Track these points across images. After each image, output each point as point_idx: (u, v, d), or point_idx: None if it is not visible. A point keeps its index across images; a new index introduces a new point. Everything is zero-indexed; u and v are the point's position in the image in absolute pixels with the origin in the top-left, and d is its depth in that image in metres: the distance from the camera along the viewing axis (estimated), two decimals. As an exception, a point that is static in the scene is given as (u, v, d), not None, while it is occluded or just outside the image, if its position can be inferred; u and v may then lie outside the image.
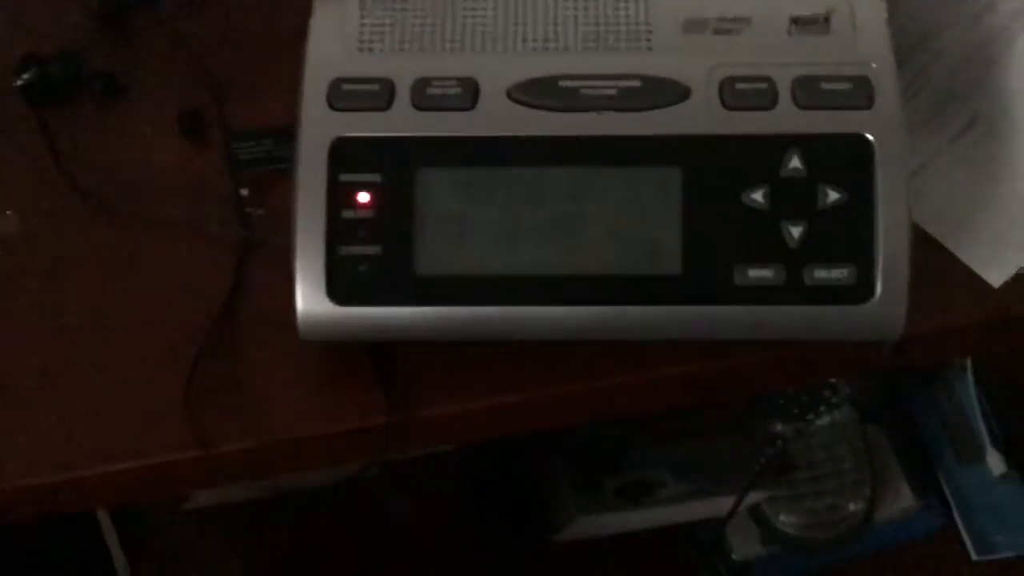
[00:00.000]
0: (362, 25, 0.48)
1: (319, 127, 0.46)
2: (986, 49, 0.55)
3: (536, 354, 0.49)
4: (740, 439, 0.85)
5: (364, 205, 0.46)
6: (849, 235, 0.45)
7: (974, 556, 0.86)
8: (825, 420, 0.86)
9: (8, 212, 0.55)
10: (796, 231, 0.45)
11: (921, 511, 0.88)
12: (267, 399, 0.49)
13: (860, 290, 0.45)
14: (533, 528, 0.84)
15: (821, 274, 0.45)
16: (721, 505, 0.83)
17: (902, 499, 0.88)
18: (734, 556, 0.86)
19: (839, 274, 0.45)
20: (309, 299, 0.46)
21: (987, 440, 0.89)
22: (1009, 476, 0.88)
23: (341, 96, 0.46)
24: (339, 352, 0.49)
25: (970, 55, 0.55)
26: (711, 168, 0.46)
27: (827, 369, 0.56)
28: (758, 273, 0.45)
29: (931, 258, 0.51)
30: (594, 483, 0.83)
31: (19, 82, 0.58)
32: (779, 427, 0.86)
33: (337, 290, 0.46)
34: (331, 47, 0.48)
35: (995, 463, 0.88)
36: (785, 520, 0.85)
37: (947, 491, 0.89)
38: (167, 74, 0.58)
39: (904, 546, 0.88)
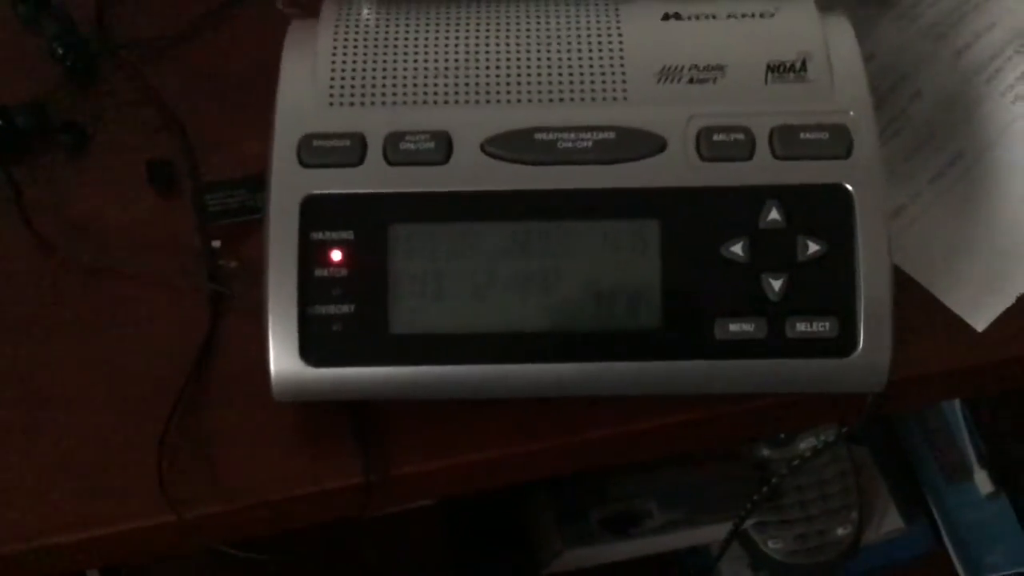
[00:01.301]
0: (332, 78, 0.47)
1: (289, 185, 0.45)
2: (966, 88, 0.54)
3: (515, 408, 0.48)
4: (726, 466, 0.85)
5: (336, 263, 0.45)
6: (830, 287, 0.44)
7: (962, 577, 0.86)
8: (810, 443, 0.86)
9: (-25, 268, 0.54)
10: (776, 283, 0.44)
11: (909, 533, 0.88)
12: (241, 459, 0.48)
13: (843, 342, 0.44)
14: (519, 564, 0.83)
15: (803, 327, 0.44)
16: (709, 533, 0.83)
17: (889, 521, 0.88)
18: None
19: (821, 327, 0.44)
20: (282, 361, 0.45)
21: (974, 458, 0.89)
22: (997, 495, 0.87)
23: (312, 152, 0.46)
24: (314, 410, 0.48)
25: (950, 94, 0.54)
26: (689, 220, 0.45)
27: (809, 419, 0.55)
28: (739, 327, 0.44)
29: (912, 301, 0.50)
30: (580, 515, 0.83)
31: (-16, 134, 0.57)
32: (766, 452, 0.85)
33: (310, 352, 0.45)
34: (301, 101, 0.47)
35: (982, 482, 0.88)
36: (773, 546, 0.85)
37: (935, 512, 0.89)
38: (136, 123, 0.57)
39: (893, 569, 0.87)
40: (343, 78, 0.47)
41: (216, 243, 0.53)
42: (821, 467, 0.86)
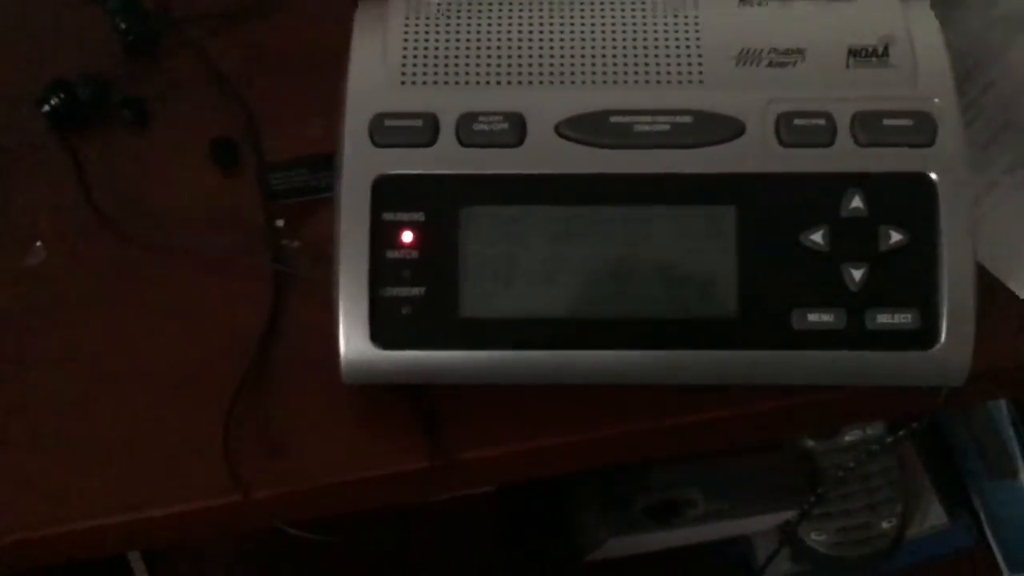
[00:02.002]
0: (404, 56, 0.46)
1: (361, 165, 0.45)
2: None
3: (581, 395, 0.47)
4: (770, 457, 0.84)
5: (408, 245, 0.44)
6: (912, 278, 0.43)
7: (1007, 573, 0.85)
8: (856, 436, 0.85)
9: (37, 243, 0.53)
10: (857, 274, 0.44)
11: (952, 528, 0.87)
12: (305, 441, 0.47)
13: (924, 335, 0.43)
14: (562, 550, 0.82)
15: (884, 319, 0.43)
16: (752, 524, 0.82)
17: (933, 516, 0.87)
18: (764, 574, 0.85)
19: (902, 319, 0.43)
20: (352, 343, 0.44)
21: (1019, 454, 0.87)
22: (1042, 492, 0.86)
23: (383, 132, 0.45)
24: (379, 393, 0.47)
25: (1022, 86, 0.53)
26: (768, 207, 0.44)
27: (876, 412, 0.54)
28: (818, 317, 0.43)
29: (986, 294, 0.49)
30: (624, 504, 0.82)
31: (46, 108, 0.56)
32: (810, 444, 0.84)
33: (380, 334, 0.44)
34: (372, 79, 0.46)
35: (1027, 477, 0.87)
36: (816, 538, 0.84)
37: (978, 507, 0.87)
38: (198, 100, 0.57)
39: (935, 563, 0.86)
40: (415, 57, 0.46)
41: (280, 222, 0.53)
42: (866, 461, 0.85)
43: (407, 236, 0.44)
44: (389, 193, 0.44)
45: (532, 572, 0.82)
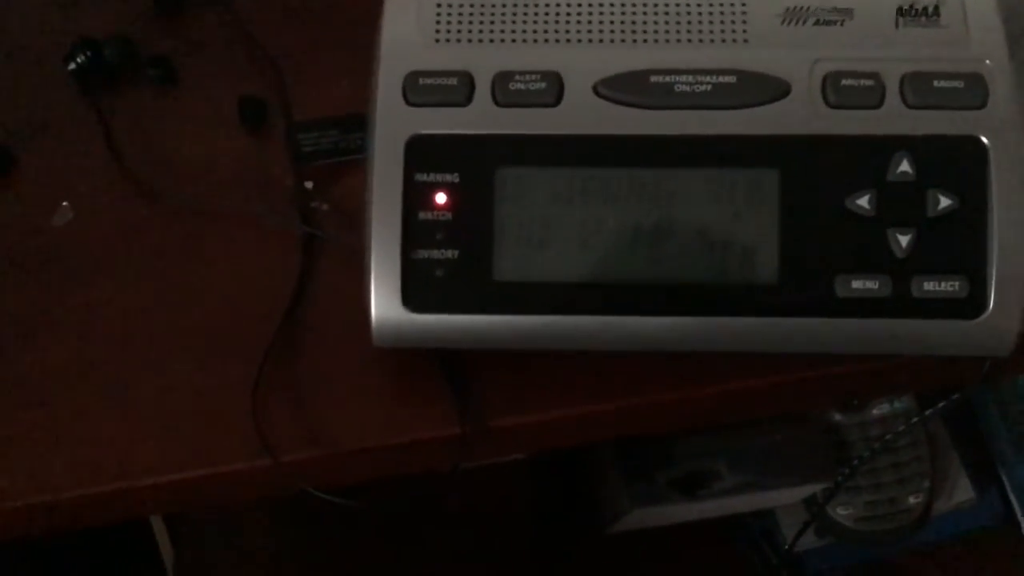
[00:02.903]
0: (438, 13, 0.45)
1: (394, 124, 0.44)
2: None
3: (615, 362, 0.46)
4: (796, 429, 0.83)
5: (441, 207, 0.43)
6: (961, 244, 0.42)
7: (1034, 549, 0.84)
8: (884, 409, 0.84)
9: (64, 203, 0.53)
10: (904, 239, 0.42)
11: (980, 504, 0.86)
12: (335, 405, 0.47)
13: (972, 304, 0.42)
14: (585, 521, 0.82)
15: (930, 286, 0.42)
16: (777, 497, 0.81)
17: (960, 492, 0.86)
18: (787, 549, 0.84)
19: (950, 286, 0.42)
20: (384, 306, 0.43)
21: (1048, 430, 0.86)
22: (1070, 468, 0.85)
23: (417, 90, 0.44)
24: (409, 358, 0.47)
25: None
26: (812, 170, 0.43)
27: (917, 382, 0.53)
28: (862, 284, 0.42)
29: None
30: (648, 475, 0.81)
31: (72, 66, 0.55)
32: (837, 417, 0.83)
33: (412, 297, 0.43)
34: (406, 37, 0.45)
35: (1055, 454, 0.86)
36: (842, 512, 0.83)
37: (1007, 483, 0.86)
38: (226, 59, 0.56)
39: (962, 539, 0.86)
40: (450, 14, 0.45)
41: (309, 184, 0.52)
42: (893, 435, 0.84)
43: (441, 197, 0.43)
44: (423, 153, 0.43)
45: (557, 543, 0.82)
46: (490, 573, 0.80)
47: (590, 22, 0.45)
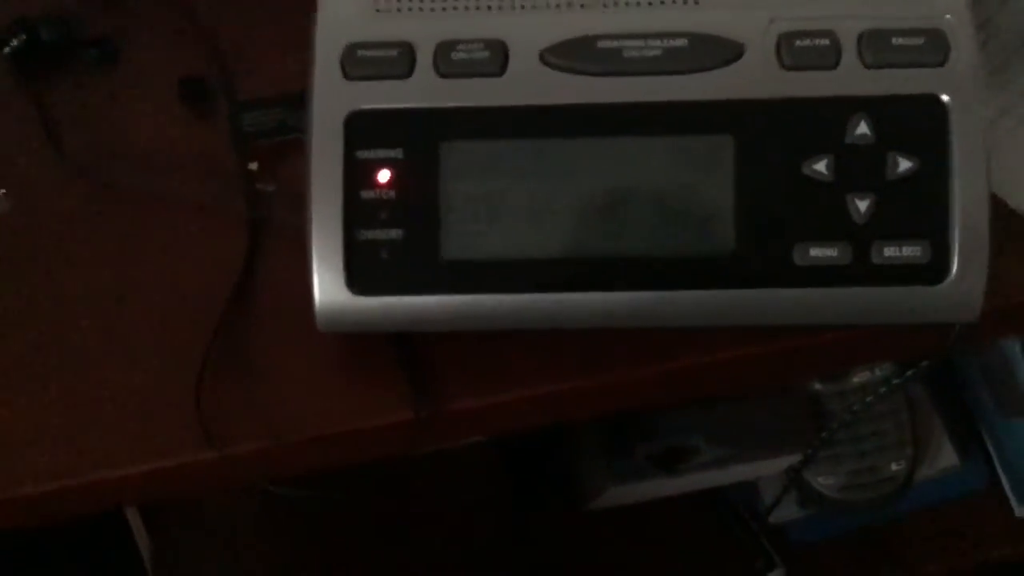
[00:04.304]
0: (378, -18, 0.43)
1: (333, 99, 0.42)
2: (1063, -8, 0.50)
3: (572, 340, 0.45)
4: (776, 400, 0.82)
5: (384, 184, 0.42)
6: (922, 208, 0.41)
7: (1018, 512, 0.83)
8: (864, 377, 0.83)
9: (1, 191, 0.51)
10: (863, 204, 0.41)
11: (963, 470, 0.85)
12: (284, 394, 0.45)
13: (934, 269, 0.41)
14: (565, 498, 0.81)
15: (891, 252, 0.41)
16: (757, 469, 0.80)
17: (944, 457, 0.85)
18: (770, 519, 0.84)
19: (911, 252, 0.41)
20: (327, 290, 0.42)
21: (1030, 392, 0.85)
22: (1054, 430, 0.84)
23: (356, 63, 0.42)
24: (361, 342, 0.45)
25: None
26: (768, 136, 0.41)
27: (885, 352, 0.52)
28: (821, 252, 0.41)
29: (999, 224, 0.46)
30: (627, 451, 0.80)
31: (7, 50, 0.53)
32: (817, 386, 0.82)
33: (357, 279, 0.42)
34: (344, 8, 0.43)
35: (1039, 415, 0.85)
36: (824, 482, 0.82)
37: (990, 447, 0.86)
38: (167, 37, 0.54)
39: (946, 505, 0.85)
40: (389, -18, 0.43)
41: (253, 165, 0.50)
42: (874, 402, 0.83)
43: (383, 175, 0.42)
44: (363, 129, 0.42)
45: (535, 521, 0.81)
46: (468, 556, 0.79)
47: (535, -13, 0.43)
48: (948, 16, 0.42)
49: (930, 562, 0.83)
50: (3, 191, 0.51)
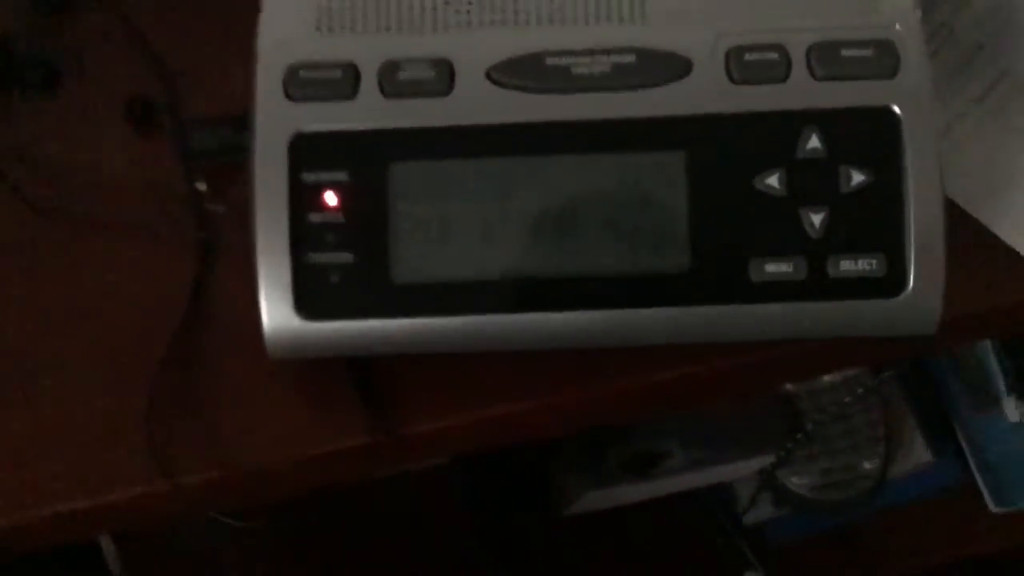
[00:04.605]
0: (320, 2, 0.43)
1: (275, 121, 0.41)
2: (1017, -5, 0.49)
3: (529, 360, 0.44)
4: (748, 401, 0.82)
5: (331, 207, 0.41)
6: (876, 221, 0.40)
7: (992, 508, 0.83)
8: (835, 377, 0.83)
9: (-58, 218, 0.50)
10: (817, 219, 0.40)
11: (937, 466, 0.85)
12: (238, 421, 0.45)
13: (891, 282, 0.40)
14: (538, 506, 0.80)
15: (847, 266, 0.40)
16: (731, 471, 0.80)
17: (917, 454, 0.85)
18: (745, 520, 0.83)
19: (867, 265, 0.40)
20: (276, 315, 0.41)
21: (1003, 388, 0.85)
22: (1026, 423, 0.84)
23: (299, 84, 0.41)
24: (315, 367, 0.44)
25: (998, 4, 0.50)
26: (719, 151, 0.41)
27: (847, 361, 0.52)
28: (776, 267, 0.40)
29: (956, 231, 0.46)
30: (599, 457, 0.80)
31: (-53, 73, 0.52)
32: (787, 386, 0.82)
33: (306, 304, 0.41)
34: (286, 27, 0.42)
35: (1011, 409, 0.85)
36: (798, 482, 0.82)
37: (963, 442, 0.86)
38: (110, 58, 0.53)
39: (920, 502, 0.85)
40: (331, 2, 0.43)
41: (201, 186, 0.49)
42: (846, 400, 0.83)
43: (330, 197, 0.41)
44: (308, 151, 0.41)
45: (510, 528, 0.80)
46: (444, 566, 0.78)
47: (480, 5, 0.42)
48: (898, 26, 0.41)
49: (906, 559, 0.83)
50: (-54, 218, 0.50)
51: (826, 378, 0.82)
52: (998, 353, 0.85)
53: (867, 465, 0.83)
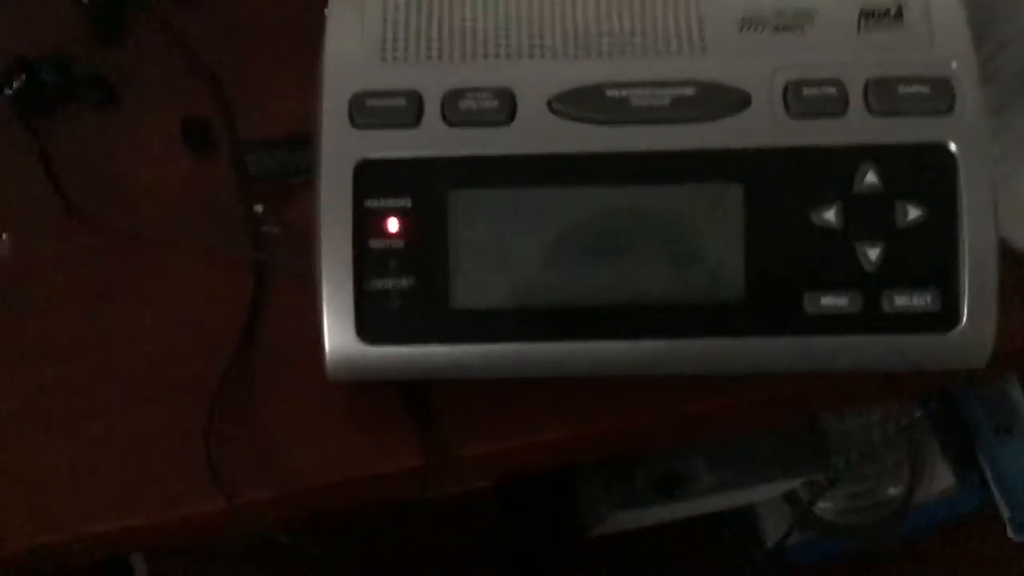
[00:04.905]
0: (384, 30, 0.43)
1: (341, 148, 0.42)
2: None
3: (580, 385, 0.45)
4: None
5: (394, 233, 0.42)
6: (932, 256, 0.41)
7: (1014, 538, 0.83)
8: (862, 401, 0.83)
9: (3, 235, 0.50)
10: (873, 253, 0.41)
11: (960, 491, 0.85)
12: (292, 441, 0.45)
13: (945, 317, 0.41)
14: (567, 525, 0.81)
15: (902, 300, 0.41)
16: (757, 494, 0.80)
17: (941, 479, 0.85)
18: (768, 543, 0.84)
19: (921, 300, 0.41)
20: (338, 339, 0.42)
21: (1024, 413, 0.86)
22: (1048, 450, 0.85)
23: (364, 112, 0.42)
24: (368, 389, 0.45)
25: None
26: (776, 184, 0.41)
27: (892, 393, 0.52)
28: (831, 300, 0.41)
29: (1004, 267, 0.47)
30: (627, 477, 0.80)
31: (8, 91, 0.53)
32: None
33: (368, 329, 0.42)
34: (351, 56, 0.43)
35: (1034, 438, 0.85)
36: (822, 506, 0.82)
37: (986, 468, 0.86)
38: (168, 78, 0.54)
39: (943, 526, 0.85)
40: (396, 30, 0.43)
41: (258, 207, 0.50)
42: (871, 425, 0.83)
43: (393, 224, 0.42)
44: (372, 178, 0.42)
45: (538, 549, 0.81)
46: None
47: (542, 36, 0.43)
48: (954, 64, 0.42)
49: (927, 585, 0.83)
50: (4, 235, 0.50)
51: (852, 403, 0.82)
52: (1021, 380, 0.86)
53: (891, 491, 0.83)
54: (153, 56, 0.55)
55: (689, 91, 0.42)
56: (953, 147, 0.41)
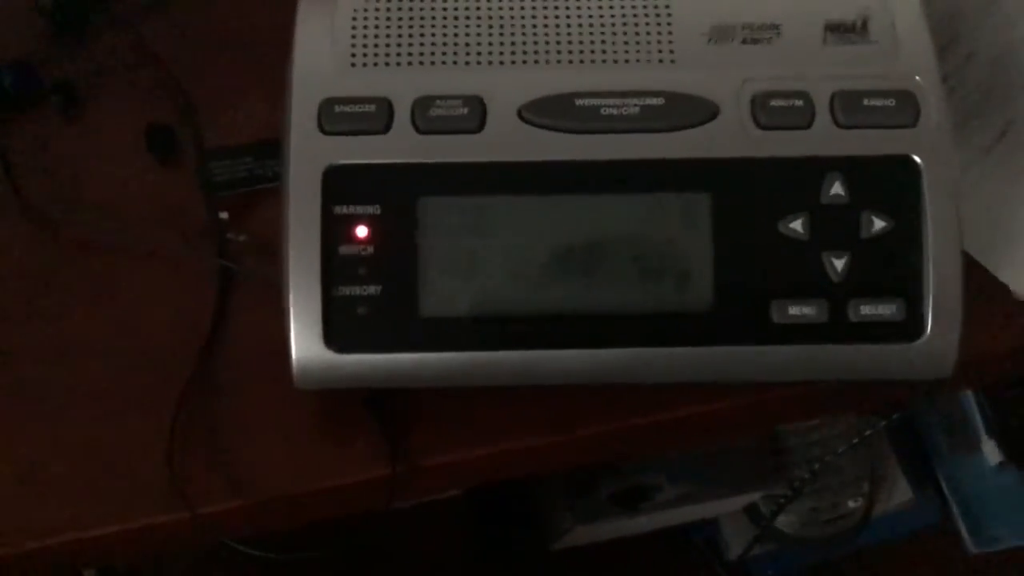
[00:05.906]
0: (354, 36, 0.43)
1: (310, 154, 0.42)
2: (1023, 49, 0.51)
3: (550, 394, 0.45)
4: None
5: (362, 240, 0.41)
6: (897, 266, 0.41)
7: (972, 549, 0.84)
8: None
9: (-40, 242, 0.49)
10: (839, 263, 0.41)
11: (918, 505, 0.86)
12: (257, 450, 0.44)
13: (910, 326, 0.41)
14: (529, 540, 0.80)
15: (867, 310, 0.41)
16: (719, 507, 0.81)
17: (899, 493, 0.86)
18: (729, 556, 0.84)
19: (887, 309, 0.41)
20: (305, 347, 0.41)
21: (982, 429, 0.87)
22: (1005, 466, 0.86)
23: (333, 118, 0.42)
24: (335, 397, 0.45)
25: (1005, 57, 0.51)
26: (744, 194, 0.42)
27: (855, 404, 0.53)
28: (798, 309, 0.41)
29: (967, 279, 0.47)
30: (590, 490, 0.80)
31: (-34, 96, 0.52)
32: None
33: (335, 336, 0.41)
34: (320, 62, 0.43)
35: (990, 452, 0.86)
36: (783, 519, 0.83)
37: (943, 483, 0.87)
38: (133, 84, 0.53)
39: (902, 540, 0.86)
40: (366, 36, 0.43)
41: (223, 215, 0.49)
42: (832, 439, 0.84)
43: (361, 231, 0.41)
44: (341, 184, 0.41)
45: (500, 562, 0.80)
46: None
47: (513, 44, 0.43)
48: (917, 77, 0.43)
49: (887, 598, 0.84)
50: (-37, 241, 0.50)
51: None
52: (978, 398, 0.87)
53: (851, 504, 0.84)
54: (118, 63, 0.54)
55: (658, 101, 0.42)
56: (918, 159, 0.42)
